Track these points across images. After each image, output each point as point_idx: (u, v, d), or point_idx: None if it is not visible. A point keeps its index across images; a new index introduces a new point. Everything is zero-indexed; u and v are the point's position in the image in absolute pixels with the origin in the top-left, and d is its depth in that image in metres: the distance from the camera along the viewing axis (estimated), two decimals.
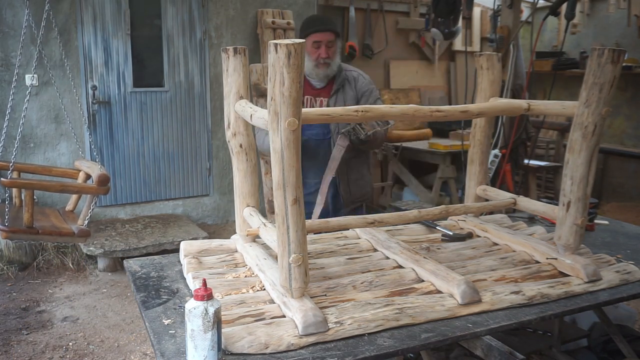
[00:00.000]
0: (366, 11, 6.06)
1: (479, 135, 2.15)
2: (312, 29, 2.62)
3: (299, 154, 1.36)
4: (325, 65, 2.62)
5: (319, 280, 1.64)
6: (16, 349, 3.15)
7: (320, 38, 2.59)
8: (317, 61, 2.61)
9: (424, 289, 1.62)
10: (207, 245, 1.91)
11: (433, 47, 6.69)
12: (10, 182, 2.77)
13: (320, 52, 2.60)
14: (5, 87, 4.36)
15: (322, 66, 2.62)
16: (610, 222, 2.55)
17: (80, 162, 3.22)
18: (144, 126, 5.03)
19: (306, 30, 2.64)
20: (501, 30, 4.47)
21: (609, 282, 1.75)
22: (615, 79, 1.63)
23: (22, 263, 4.27)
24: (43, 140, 4.62)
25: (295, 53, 1.27)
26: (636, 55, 6.41)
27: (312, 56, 2.61)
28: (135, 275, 1.82)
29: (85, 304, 3.75)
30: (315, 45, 2.60)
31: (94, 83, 4.75)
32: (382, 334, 1.42)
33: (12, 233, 2.72)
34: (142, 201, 5.10)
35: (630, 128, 6.77)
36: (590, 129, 1.67)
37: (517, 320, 1.54)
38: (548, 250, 1.85)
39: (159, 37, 5.00)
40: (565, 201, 1.74)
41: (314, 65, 2.61)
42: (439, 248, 1.97)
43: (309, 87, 2.70)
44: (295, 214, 1.38)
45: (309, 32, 2.62)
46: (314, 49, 2.60)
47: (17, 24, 4.35)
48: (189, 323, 1.25)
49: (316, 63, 2.61)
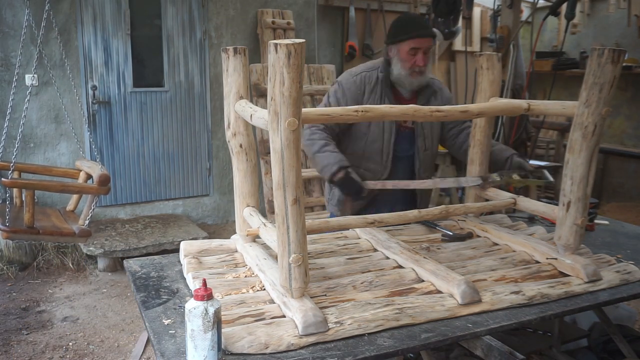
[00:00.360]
0: (366, 11, 6.05)
1: (479, 135, 2.15)
2: (413, 33, 2.29)
3: (299, 154, 1.36)
4: (420, 74, 2.33)
5: (319, 280, 1.64)
6: (16, 349, 3.15)
7: (420, 44, 2.29)
8: (412, 69, 2.31)
9: (424, 289, 1.62)
10: (207, 245, 1.91)
11: (433, 47, 6.69)
12: (11, 182, 2.77)
13: (417, 59, 2.30)
14: (5, 87, 4.36)
15: (416, 75, 2.33)
16: (610, 222, 2.55)
17: (81, 162, 3.22)
18: (144, 126, 5.03)
19: (404, 34, 2.31)
20: (501, 30, 4.47)
21: (609, 282, 1.76)
22: (615, 79, 1.63)
23: (22, 263, 4.27)
24: (43, 140, 4.63)
25: (295, 53, 1.27)
26: (636, 55, 6.41)
27: (407, 63, 2.31)
28: (135, 275, 1.82)
29: (85, 304, 3.75)
30: (412, 52, 2.29)
31: (94, 83, 4.75)
32: (382, 334, 1.42)
33: (13, 233, 2.72)
34: (142, 201, 5.10)
35: (630, 128, 6.77)
36: (590, 129, 1.67)
37: (517, 320, 1.54)
38: (548, 250, 1.85)
39: (159, 37, 5.01)
40: (565, 201, 1.74)
41: (407, 74, 2.32)
42: (439, 248, 1.97)
43: (400, 97, 2.42)
44: (295, 214, 1.38)
45: (408, 37, 2.30)
46: (410, 55, 2.30)
47: (17, 24, 4.35)
48: (189, 323, 1.25)
49: (410, 71, 2.32)
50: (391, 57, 2.37)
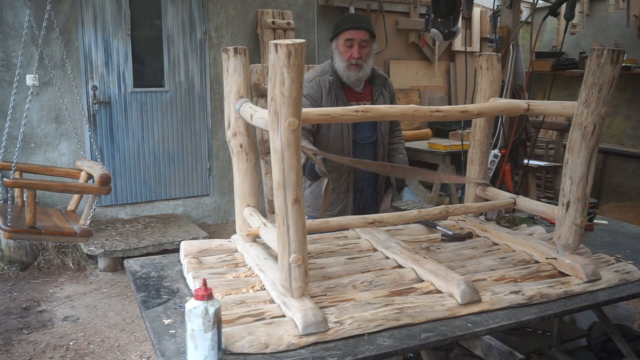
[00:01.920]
0: (366, 11, 6.05)
1: (478, 135, 2.15)
2: (345, 25, 2.42)
3: (299, 154, 1.37)
4: (357, 67, 2.42)
5: (319, 280, 1.65)
6: (17, 348, 3.15)
7: (353, 36, 2.39)
8: (349, 62, 2.41)
9: (424, 289, 1.63)
10: (207, 245, 1.92)
11: (433, 47, 6.69)
12: (12, 182, 2.77)
13: (353, 51, 2.39)
14: (6, 88, 4.37)
15: (353, 68, 2.42)
16: (609, 222, 2.55)
17: (82, 162, 3.23)
18: (144, 126, 5.03)
19: (338, 28, 2.45)
20: (501, 31, 4.47)
21: (608, 282, 1.76)
22: (615, 79, 1.63)
23: (23, 263, 4.27)
24: (44, 140, 4.63)
25: (295, 53, 1.27)
26: (635, 56, 6.42)
27: (344, 56, 2.41)
28: (135, 275, 1.83)
29: (86, 304, 3.76)
30: (347, 43, 2.40)
31: (95, 83, 4.75)
32: (382, 333, 1.43)
33: (14, 233, 2.72)
34: (142, 201, 5.11)
35: (629, 128, 6.78)
36: (590, 129, 1.67)
37: (516, 320, 1.54)
38: (548, 250, 1.85)
39: (159, 37, 5.01)
40: (565, 201, 1.75)
41: (345, 67, 2.42)
42: (439, 248, 1.98)
43: (353, 92, 2.52)
44: (295, 214, 1.38)
45: (341, 30, 2.43)
46: (346, 47, 2.41)
47: (18, 25, 4.36)
48: (189, 323, 1.26)
49: (348, 64, 2.42)
50: (333, 53, 2.49)
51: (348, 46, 2.41)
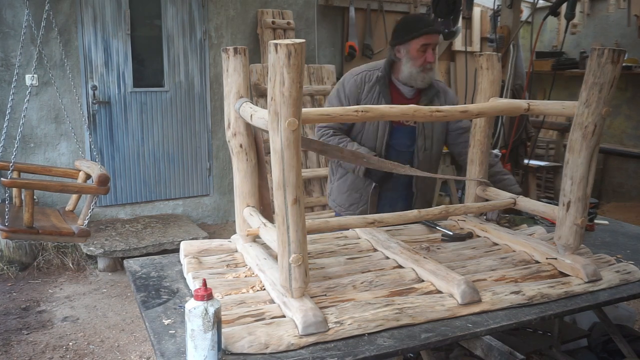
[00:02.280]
0: (366, 11, 6.05)
1: (479, 135, 2.15)
2: (422, 30, 2.32)
3: (299, 154, 1.36)
4: (431, 70, 2.38)
5: (319, 280, 1.64)
6: (16, 348, 3.15)
7: (430, 40, 2.33)
8: (424, 66, 2.35)
9: (424, 289, 1.62)
10: (207, 245, 1.91)
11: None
12: (10, 182, 2.77)
13: (428, 55, 2.34)
14: (5, 87, 4.36)
15: (427, 71, 2.38)
16: (610, 222, 2.55)
17: (81, 162, 3.22)
18: (144, 126, 5.03)
19: (414, 32, 2.34)
20: (501, 30, 4.47)
21: (609, 282, 1.76)
22: (615, 79, 1.63)
23: (22, 263, 4.27)
24: (43, 140, 4.63)
25: (295, 53, 1.27)
26: (636, 55, 6.41)
27: (418, 61, 2.35)
28: (135, 275, 1.82)
29: (86, 304, 3.75)
30: (422, 48, 2.33)
31: (94, 83, 4.75)
32: (382, 334, 1.42)
33: (12, 233, 2.72)
34: (142, 201, 5.10)
35: (630, 128, 6.77)
36: (590, 129, 1.67)
37: (517, 320, 1.54)
38: (548, 250, 1.85)
39: (159, 37, 5.01)
40: (565, 201, 1.74)
41: (418, 71, 2.35)
42: (439, 248, 1.97)
43: (401, 97, 2.44)
44: (295, 214, 1.38)
45: (418, 34, 2.33)
46: (421, 52, 2.34)
47: (17, 24, 4.35)
48: (189, 323, 1.25)
49: (422, 68, 2.35)
50: (400, 57, 2.39)
51: (422, 51, 2.34)
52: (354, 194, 2.54)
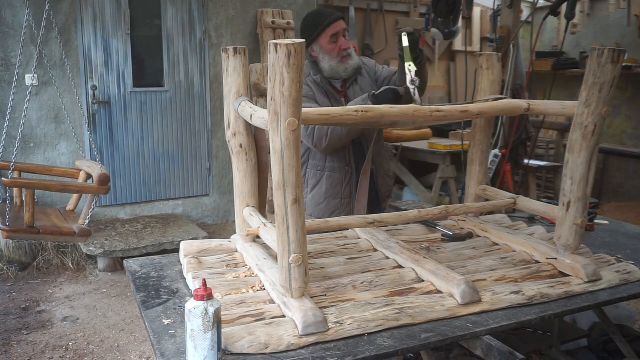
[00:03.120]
0: (366, 11, 6.06)
1: (479, 135, 2.15)
2: (327, 21, 2.31)
3: (299, 154, 1.36)
4: (350, 57, 2.34)
5: (319, 280, 1.64)
6: (16, 349, 3.15)
7: (337, 29, 2.31)
8: (341, 54, 2.33)
9: (424, 289, 1.62)
10: (207, 245, 1.91)
11: (433, 47, 6.69)
12: (11, 181, 2.76)
13: (341, 43, 2.32)
14: (5, 87, 4.36)
15: (347, 59, 2.34)
16: (610, 222, 2.55)
17: (81, 161, 3.22)
18: (144, 126, 5.03)
19: (318, 28, 2.32)
20: (501, 30, 4.47)
21: (609, 282, 1.75)
22: (615, 79, 1.63)
23: (22, 263, 4.27)
24: (43, 140, 4.63)
25: (295, 53, 1.27)
26: (636, 55, 6.41)
27: (334, 52, 2.32)
28: (135, 275, 1.82)
29: (85, 304, 3.75)
30: (332, 39, 2.31)
31: (94, 83, 4.75)
32: (382, 334, 1.42)
33: (13, 233, 2.72)
34: (142, 201, 5.10)
35: (630, 128, 6.77)
36: (590, 129, 1.67)
37: (517, 320, 1.53)
38: (548, 250, 1.85)
39: (159, 37, 5.01)
40: (565, 201, 1.74)
41: (338, 62, 2.33)
42: (439, 248, 1.97)
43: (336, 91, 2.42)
44: (295, 214, 1.38)
45: (323, 27, 2.31)
46: (333, 44, 2.31)
47: (17, 24, 4.36)
48: (189, 323, 1.25)
49: (340, 58, 2.33)
50: (316, 55, 2.37)
51: (334, 42, 2.31)
52: (333, 201, 2.44)
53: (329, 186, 2.43)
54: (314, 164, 2.45)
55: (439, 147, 5.45)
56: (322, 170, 2.43)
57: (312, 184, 2.47)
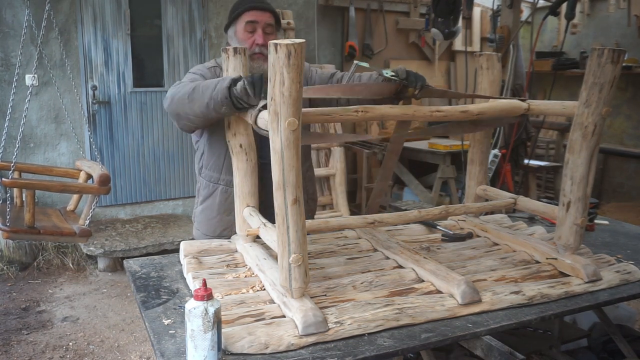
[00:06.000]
0: (366, 11, 6.05)
1: (479, 135, 2.15)
2: (245, 6, 1.98)
3: (299, 154, 1.36)
4: (263, 57, 1.92)
5: (319, 280, 1.64)
6: (16, 349, 3.15)
7: (256, 17, 1.96)
8: (252, 50, 1.94)
9: (424, 289, 1.62)
10: (207, 246, 1.91)
11: (433, 47, 6.69)
12: (11, 182, 2.76)
13: (257, 36, 1.94)
14: (5, 87, 4.36)
15: (257, 58, 1.95)
16: (610, 222, 2.55)
17: (81, 162, 3.22)
18: (144, 126, 5.03)
19: (238, 9, 2.00)
20: (501, 30, 4.47)
21: (609, 282, 1.75)
22: (615, 79, 1.63)
23: (22, 263, 4.27)
24: (43, 140, 4.63)
25: (295, 53, 1.27)
26: (636, 55, 6.41)
27: (247, 42, 1.95)
28: (135, 275, 1.82)
29: (85, 304, 3.76)
30: (248, 27, 1.96)
31: (94, 83, 4.75)
32: (382, 334, 1.42)
33: (13, 233, 2.72)
34: (142, 201, 5.10)
35: (630, 128, 6.77)
36: (590, 129, 1.67)
37: (517, 320, 1.53)
38: (548, 250, 1.85)
39: (159, 37, 5.01)
40: (565, 201, 1.74)
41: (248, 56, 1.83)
42: (439, 248, 1.97)
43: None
44: (295, 214, 1.38)
45: (240, 11, 1.98)
46: (247, 33, 1.96)
47: (17, 24, 4.35)
48: (189, 323, 1.25)
49: (251, 53, 1.93)
50: (230, 44, 2.04)
51: (249, 31, 1.95)
52: (226, 218, 2.05)
53: (223, 201, 2.07)
54: (207, 174, 2.09)
55: (439, 147, 5.44)
56: (217, 183, 2.07)
57: (204, 195, 2.12)
